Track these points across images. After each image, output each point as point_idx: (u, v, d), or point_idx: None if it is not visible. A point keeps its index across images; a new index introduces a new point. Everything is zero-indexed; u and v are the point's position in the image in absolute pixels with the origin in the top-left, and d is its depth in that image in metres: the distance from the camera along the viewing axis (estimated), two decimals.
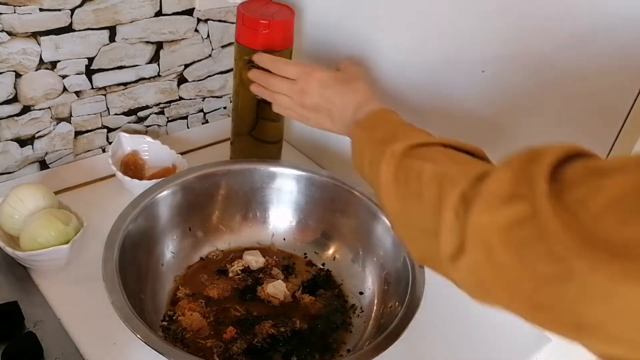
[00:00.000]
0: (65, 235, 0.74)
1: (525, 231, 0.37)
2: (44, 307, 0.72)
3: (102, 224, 0.73)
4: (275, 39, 0.82)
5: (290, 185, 0.85)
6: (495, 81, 0.74)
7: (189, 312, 0.73)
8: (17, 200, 0.76)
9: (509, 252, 0.39)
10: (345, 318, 0.77)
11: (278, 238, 0.86)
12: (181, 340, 0.70)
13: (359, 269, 0.82)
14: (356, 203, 0.82)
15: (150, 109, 0.99)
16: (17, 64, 0.80)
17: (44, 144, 0.89)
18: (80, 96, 0.89)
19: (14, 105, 0.83)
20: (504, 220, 0.39)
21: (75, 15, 0.82)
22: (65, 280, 0.76)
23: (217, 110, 1.09)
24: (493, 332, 0.79)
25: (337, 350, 0.73)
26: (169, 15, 0.92)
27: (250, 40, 0.82)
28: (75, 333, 0.70)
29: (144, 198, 0.75)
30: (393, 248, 0.77)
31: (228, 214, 0.85)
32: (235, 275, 0.80)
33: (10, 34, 0.78)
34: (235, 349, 0.70)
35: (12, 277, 0.75)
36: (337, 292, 0.80)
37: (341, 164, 0.93)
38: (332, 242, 0.85)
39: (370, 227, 0.81)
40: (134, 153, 0.94)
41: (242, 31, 0.83)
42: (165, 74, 0.97)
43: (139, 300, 0.69)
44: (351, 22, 0.89)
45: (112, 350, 0.69)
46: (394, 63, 0.85)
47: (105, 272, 0.65)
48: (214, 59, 1.02)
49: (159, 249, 0.78)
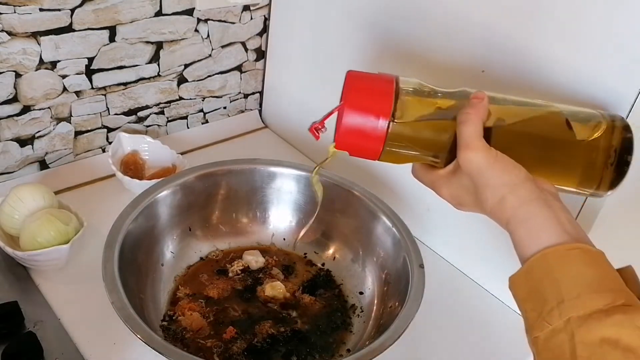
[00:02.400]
0: (65, 235, 0.74)
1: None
2: (44, 307, 0.72)
3: (102, 224, 0.73)
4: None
5: (290, 185, 0.85)
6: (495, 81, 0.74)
7: (189, 312, 0.73)
8: (17, 200, 0.76)
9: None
10: (345, 318, 0.77)
11: (278, 238, 0.86)
12: (181, 340, 0.70)
13: (359, 269, 0.82)
14: (356, 203, 0.82)
15: (150, 109, 0.99)
16: (17, 64, 0.80)
17: (44, 144, 0.89)
18: (80, 96, 0.89)
19: (14, 105, 0.83)
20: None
21: (75, 15, 0.82)
22: (65, 280, 0.76)
23: (217, 110, 1.09)
24: (493, 332, 0.79)
25: (337, 350, 0.73)
26: (169, 15, 0.92)
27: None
28: (75, 333, 0.70)
29: (144, 198, 0.75)
30: (393, 248, 0.77)
31: (228, 214, 0.85)
32: (235, 275, 0.80)
33: (10, 34, 0.78)
34: (235, 349, 0.70)
35: (12, 277, 0.75)
36: (337, 292, 0.80)
37: (340, 163, 0.93)
38: (332, 242, 0.85)
39: (370, 227, 0.81)
40: (134, 153, 0.94)
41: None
42: (165, 74, 0.97)
43: (139, 300, 0.69)
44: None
45: (112, 350, 0.69)
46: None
47: (105, 272, 0.65)
48: (214, 59, 1.02)
49: (159, 248, 0.78)
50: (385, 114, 0.55)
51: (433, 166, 0.60)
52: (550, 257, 0.49)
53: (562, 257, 0.49)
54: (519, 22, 0.70)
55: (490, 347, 0.77)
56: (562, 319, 0.46)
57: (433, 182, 0.60)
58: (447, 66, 0.79)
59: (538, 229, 0.51)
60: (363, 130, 0.55)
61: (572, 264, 0.49)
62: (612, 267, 0.50)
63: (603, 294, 0.46)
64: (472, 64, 0.76)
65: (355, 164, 0.92)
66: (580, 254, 0.49)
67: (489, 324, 0.80)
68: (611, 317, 0.45)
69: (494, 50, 0.73)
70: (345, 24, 0.92)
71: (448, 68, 0.79)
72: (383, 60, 0.87)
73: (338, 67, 0.95)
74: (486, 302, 0.84)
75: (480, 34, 0.74)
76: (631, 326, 0.44)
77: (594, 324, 0.45)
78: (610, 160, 0.57)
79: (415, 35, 0.82)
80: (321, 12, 0.95)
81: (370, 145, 0.56)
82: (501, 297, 0.83)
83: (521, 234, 0.52)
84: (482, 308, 0.83)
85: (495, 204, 0.54)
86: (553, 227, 0.51)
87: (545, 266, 0.49)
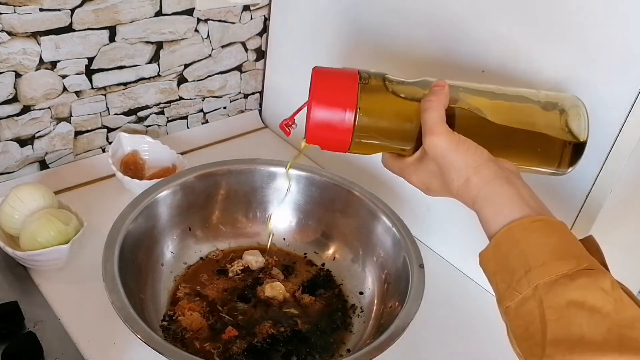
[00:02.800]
0: (65, 235, 0.74)
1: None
2: (44, 307, 0.72)
3: (102, 224, 0.73)
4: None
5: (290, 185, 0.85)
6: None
7: (189, 312, 0.73)
8: (17, 200, 0.76)
9: None
10: (345, 318, 0.77)
11: (278, 238, 0.86)
12: (181, 340, 0.70)
13: (359, 269, 0.82)
14: (356, 203, 0.82)
15: (150, 109, 0.99)
16: (17, 64, 0.80)
17: (44, 144, 0.89)
18: (80, 96, 0.89)
19: (14, 105, 0.83)
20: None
21: (75, 15, 0.82)
22: (65, 280, 0.76)
23: (217, 110, 1.09)
24: (493, 332, 0.79)
25: (337, 350, 0.73)
26: (169, 15, 0.92)
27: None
28: (75, 333, 0.70)
29: (144, 198, 0.75)
30: (393, 248, 0.77)
31: (228, 214, 0.85)
32: (235, 275, 0.80)
33: (10, 34, 0.78)
34: (235, 349, 0.70)
35: (12, 277, 0.75)
36: (337, 292, 0.80)
37: (340, 163, 0.93)
38: (332, 242, 0.85)
39: (370, 227, 0.80)
40: (134, 153, 0.94)
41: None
42: (165, 74, 0.97)
43: (139, 300, 0.69)
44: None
45: (112, 350, 0.69)
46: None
47: (105, 272, 0.65)
48: (214, 59, 1.02)
49: (159, 248, 0.78)
50: (350, 107, 0.57)
51: (402, 155, 0.62)
52: (515, 230, 0.52)
53: (527, 229, 0.51)
54: (514, 23, 0.70)
55: (490, 347, 0.77)
56: (530, 286, 0.49)
57: (402, 169, 0.62)
58: (448, 66, 0.79)
59: (502, 205, 0.53)
60: (331, 124, 0.58)
61: (536, 235, 0.51)
62: (574, 236, 0.52)
63: (567, 260, 0.49)
64: (472, 64, 0.76)
65: (356, 163, 0.93)
66: (543, 225, 0.51)
67: (489, 324, 0.80)
68: (576, 280, 0.47)
69: (494, 53, 0.73)
70: (345, 24, 0.92)
71: (448, 66, 0.79)
72: (383, 60, 0.87)
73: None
74: (486, 302, 0.84)
75: (488, 39, 0.74)
76: (595, 288, 0.47)
77: (561, 288, 0.47)
78: (568, 142, 0.59)
79: (416, 35, 0.82)
80: (321, 12, 0.95)
81: (339, 138, 0.58)
82: None
83: (487, 211, 0.54)
84: (482, 308, 0.83)
85: (461, 186, 0.56)
86: (516, 202, 0.53)
87: (512, 239, 0.52)
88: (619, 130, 0.65)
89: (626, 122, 0.64)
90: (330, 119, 0.57)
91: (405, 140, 0.60)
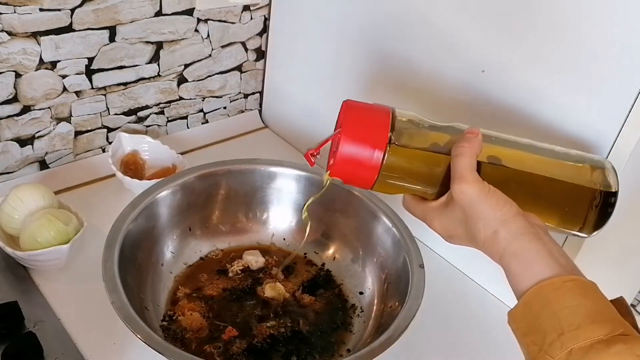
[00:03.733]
0: (65, 235, 0.74)
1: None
2: (44, 307, 0.72)
3: (102, 224, 0.73)
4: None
5: (290, 185, 0.85)
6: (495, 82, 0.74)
7: (189, 312, 0.73)
8: (17, 200, 0.76)
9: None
10: (345, 318, 0.77)
11: (278, 238, 0.86)
12: (181, 340, 0.70)
13: (359, 269, 0.82)
14: (356, 203, 0.82)
15: (150, 109, 0.99)
16: (17, 64, 0.80)
17: (44, 144, 0.89)
18: (80, 96, 0.89)
19: (14, 105, 0.83)
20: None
21: (75, 15, 0.82)
22: (65, 280, 0.76)
23: (217, 110, 1.09)
24: (493, 332, 0.79)
25: (337, 350, 0.73)
26: (169, 15, 0.92)
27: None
28: (75, 333, 0.70)
29: (144, 198, 0.75)
30: (393, 248, 0.77)
31: (228, 213, 0.85)
32: (235, 275, 0.80)
33: (10, 34, 0.78)
34: (235, 349, 0.70)
35: (12, 277, 0.75)
36: (337, 292, 0.80)
37: None
38: (332, 242, 0.85)
39: (370, 227, 0.81)
40: (134, 153, 0.94)
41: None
42: (165, 74, 0.97)
43: (139, 300, 0.69)
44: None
45: (112, 350, 0.69)
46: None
47: (105, 272, 0.65)
48: (214, 59, 1.02)
49: (158, 248, 0.78)
50: (380, 146, 0.56)
51: (424, 198, 0.61)
52: (546, 290, 0.50)
53: (558, 289, 0.50)
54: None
55: (490, 347, 0.77)
56: (564, 350, 0.47)
57: (425, 213, 0.61)
58: (447, 65, 0.79)
59: (532, 262, 0.52)
60: (358, 160, 0.57)
61: (568, 296, 0.49)
62: (605, 298, 0.51)
63: (602, 324, 0.47)
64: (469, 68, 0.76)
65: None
66: (575, 286, 0.50)
67: (489, 324, 0.80)
68: (612, 347, 0.45)
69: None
70: (345, 24, 0.92)
71: (448, 66, 0.79)
72: (382, 59, 0.87)
73: (338, 67, 0.96)
74: (486, 302, 0.84)
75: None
76: (632, 355, 0.45)
77: (596, 354, 0.45)
78: (596, 202, 0.58)
79: (415, 34, 0.82)
80: (321, 12, 0.95)
81: (365, 175, 0.57)
82: (501, 297, 0.83)
83: (515, 267, 0.53)
84: (482, 308, 0.83)
85: (488, 237, 0.54)
86: (546, 259, 0.52)
87: (543, 299, 0.50)
88: (619, 130, 0.65)
89: (626, 122, 0.64)
90: (359, 156, 0.56)
91: (430, 184, 0.59)
